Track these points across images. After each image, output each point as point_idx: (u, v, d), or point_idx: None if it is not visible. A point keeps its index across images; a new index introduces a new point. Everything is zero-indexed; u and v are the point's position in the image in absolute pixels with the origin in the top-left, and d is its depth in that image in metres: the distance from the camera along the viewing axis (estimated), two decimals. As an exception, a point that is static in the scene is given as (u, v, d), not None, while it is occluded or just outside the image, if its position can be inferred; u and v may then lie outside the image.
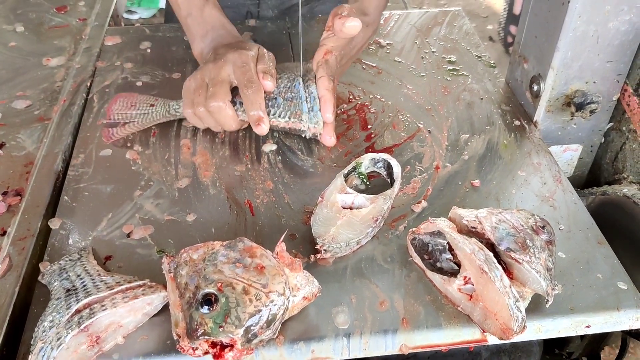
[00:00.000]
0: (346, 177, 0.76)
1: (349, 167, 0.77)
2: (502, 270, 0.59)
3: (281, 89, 0.82)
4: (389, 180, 0.78)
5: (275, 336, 0.59)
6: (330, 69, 0.81)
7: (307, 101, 0.81)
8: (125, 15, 2.96)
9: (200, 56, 0.91)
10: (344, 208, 0.71)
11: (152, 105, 0.88)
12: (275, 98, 0.81)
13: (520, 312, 0.58)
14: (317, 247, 0.67)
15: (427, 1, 3.57)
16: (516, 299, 0.58)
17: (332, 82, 0.80)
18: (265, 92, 0.80)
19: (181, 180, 0.79)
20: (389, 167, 0.77)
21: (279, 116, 0.81)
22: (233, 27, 0.93)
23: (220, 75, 0.80)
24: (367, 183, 0.78)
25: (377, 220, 0.70)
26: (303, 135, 0.83)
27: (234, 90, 0.81)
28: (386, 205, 0.72)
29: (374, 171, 0.79)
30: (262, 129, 0.79)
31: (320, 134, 0.82)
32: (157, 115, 0.87)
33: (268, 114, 0.80)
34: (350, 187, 0.74)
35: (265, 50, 0.84)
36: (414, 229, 0.68)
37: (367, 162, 0.78)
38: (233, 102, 0.80)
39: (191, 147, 0.85)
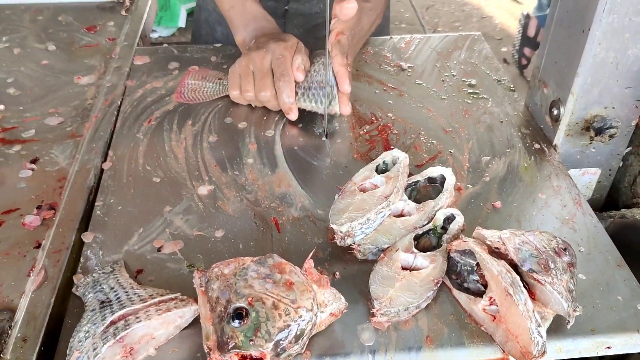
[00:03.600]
0: (419, 237, 0.73)
1: (425, 228, 0.73)
2: (527, 295, 0.60)
3: (310, 78, 0.92)
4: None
5: (302, 351, 0.61)
6: (343, 48, 0.91)
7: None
8: (145, 34, 3.01)
9: (242, 44, 1.02)
10: (403, 268, 0.68)
11: (220, 79, 1.02)
12: (305, 86, 0.93)
13: (541, 337, 0.59)
14: (374, 310, 0.64)
15: (441, 23, 3.61)
16: (538, 323, 0.59)
17: (345, 59, 0.90)
18: (296, 81, 0.92)
19: (209, 198, 0.81)
20: (451, 217, 0.75)
21: (305, 101, 0.93)
22: (272, 20, 1.04)
23: (264, 66, 0.92)
24: (442, 242, 0.73)
25: (438, 282, 0.67)
26: (324, 114, 0.92)
27: None
28: (445, 264, 0.69)
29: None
30: (292, 116, 0.93)
31: (336, 112, 0.92)
32: (223, 89, 1.00)
33: (297, 96, 0.92)
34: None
35: (302, 45, 0.95)
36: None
37: (441, 217, 0.74)
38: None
39: (218, 165, 0.87)
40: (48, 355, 0.63)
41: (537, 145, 0.91)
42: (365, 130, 0.94)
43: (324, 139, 0.92)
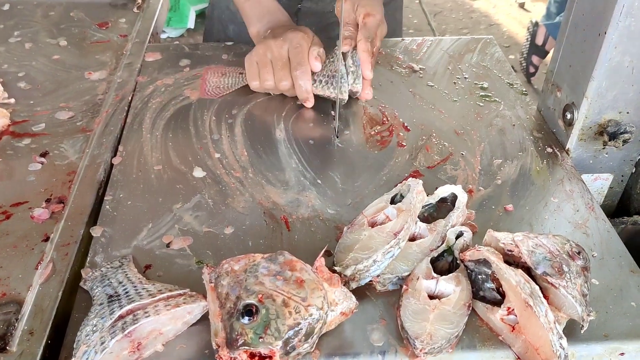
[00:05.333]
0: (435, 260, 0.70)
1: (439, 250, 0.71)
2: (547, 305, 0.59)
3: (326, 66, 0.94)
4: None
5: (312, 350, 0.60)
6: (369, 32, 0.93)
7: (351, 65, 0.93)
8: (154, 34, 3.02)
9: (257, 36, 1.03)
10: (430, 297, 0.65)
11: (241, 73, 1.02)
12: (322, 74, 0.94)
13: (563, 349, 0.58)
14: (417, 350, 0.60)
15: (449, 30, 3.61)
16: (560, 335, 0.58)
17: (369, 44, 0.91)
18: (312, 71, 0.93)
19: (219, 194, 0.81)
20: (461, 235, 0.73)
21: (322, 88, 0.94)
22: (287, 14, 1.05)
23: (282, 55, 0.93)
24: (458, 261, 0.70)
25: (469, 306, 0.64)
26: (342, 98, 0.94)
27: None
28: (469, 284, 0.66)
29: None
30: (308, 104, 0.96)
31: (359, 91, 0.94)
32: (243, 80, 1.01)
33: (314, 83, 0.94)
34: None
35: (317, 38, 0.96)
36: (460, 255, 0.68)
37: (452, 237, 0.72)
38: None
39: (228, 162, 0.87)
40: (55, 348, 0.63)
41: (549, 149, 0.90)
42: (376, 131, 0.93)
43: (335, 138, 0.92)
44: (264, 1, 1.04)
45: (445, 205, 0.77)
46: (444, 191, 0.77)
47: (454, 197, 0.76)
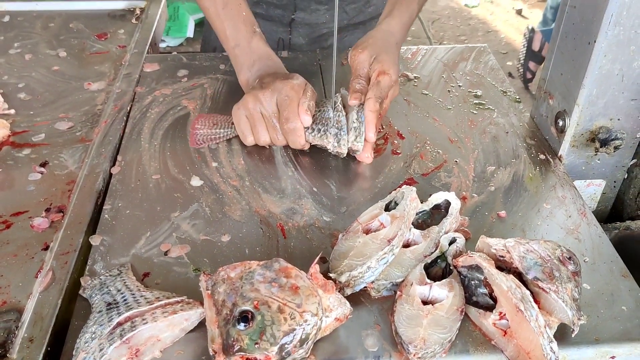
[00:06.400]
0: (429, 266, 0.71)
1: (433, 256, 0.71)
2: (538, 310, 0.60)
3: (319, 113, 0.88)
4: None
5: (307, 355, 0.61)
6: (381, 91, 0.86)
7: (354, 121, 0.86)
8: (153, 43, 3.04)
9: (246, 84, 0.96)
10: (423, 302, 0.66)
11: (232, 123, 0.93)
12: (314, 123, 0.87)
13: (554, 353, 0.59)
14: (410, 355, 0.61)
15: (447, 37, 3.63)
16: (550, 339, 0.59)
17: (377, 104, 0.85)
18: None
19: (216, 203, 0.82)
20: (454, 241, 0.74)
21: (320, 138, 0.87)
22: (279, 60, 0.98)
23: (272, 110, 0.86)
24: (451, 267, 0.70)
25: (462, 311, 0.65)
26: (336, 152, 0.88)
27: None
28: (462, 289, 0.67)
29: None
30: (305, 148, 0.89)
31: (359, 150, 0.87)
32: (234, 131, 0.93)
33: (311, 133, 0.87)
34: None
35: (310, 86, 0.89)
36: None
37: (445, 244, 0.73)
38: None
39: (226, 171, 0.88)
40: (54, 355, 0.64)
41: (542, 156, 0.91)
42: (371, 139, 0.95)
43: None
44: (255, 47, 0.97)
45: (439, 212, 0.78)
46: (437, 198, 0.78)
47: (447, 204, 0.77)
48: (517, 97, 1.05)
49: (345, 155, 0.88)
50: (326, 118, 0.87)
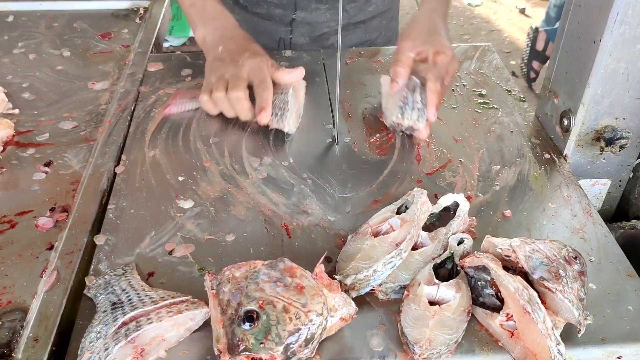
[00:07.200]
0: (438, 267, 0.70)
1: (443, 257, 0.71)
2: (546, 312, 0.60)
3: (277, 98, 0.93)
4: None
5: (312, 355, 0.61)
6: (439, 71, 0.92)
7: (418, 102, 0.91)
8: (156, 43, 3.05)
9: (202, 41, 1.03)
10: (430, 303, 0.65)
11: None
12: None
13: (561, 355, 0.59)
14: (415, 355, 0.61)
15: (450, 35, 3.62)
16: (558, 341, 0.59)
17: (437, 84, 0.90)
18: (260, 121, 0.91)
19: (221, 202, 0.82)
20: (462, 242, 0.74)
21: (277, 122, 0.93)
22: (232, 17, 1.05)
23: (240, 74, 0.93)
24: (458, 268, 0.70)
25: (469, 312, 0.65)
26: (400, 130, 0.94)
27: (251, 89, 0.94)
28: (469, 290, 0.67)
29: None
30: (262, 118, 0.90)
31: (419, 129, 0.92)
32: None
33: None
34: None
35: (273, 60, 0.96)
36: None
37: (454, 244, 0.72)
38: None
39: (230, 170, 0.88)
40: (59, 355, 0.63)
41: (547, 155, 0.91)
42: (375, 138, 0.95)
43: (334, 145, 0.93)
44: (209, 6, 1.04)
45: (446, 214, 0.78)
46: (446, 200, 0.78)
47: (455, 205, 0.77)
48: (522, 96, 1.05)
49: (292, 132, 0.94)
50: (280, 100, 0.93)
